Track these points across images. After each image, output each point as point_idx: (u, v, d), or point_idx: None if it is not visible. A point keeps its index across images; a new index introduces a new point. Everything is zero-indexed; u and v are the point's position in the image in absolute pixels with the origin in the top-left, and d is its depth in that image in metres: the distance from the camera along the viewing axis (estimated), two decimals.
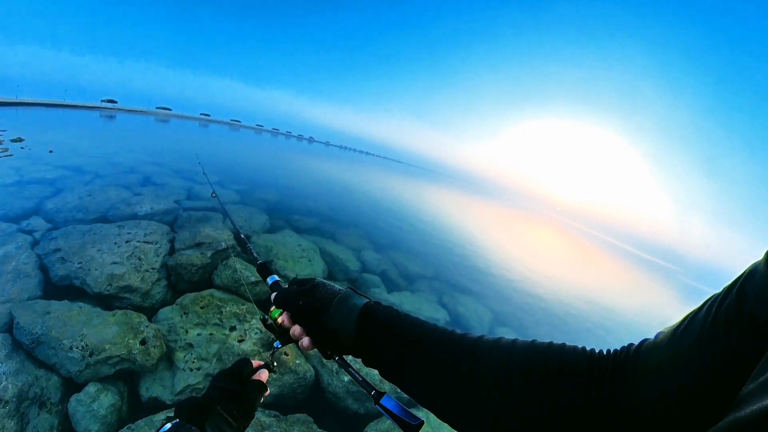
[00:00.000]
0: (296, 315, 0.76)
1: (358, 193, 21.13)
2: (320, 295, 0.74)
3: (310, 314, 0.73)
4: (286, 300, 0.80)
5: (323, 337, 0.72)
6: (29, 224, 5.49)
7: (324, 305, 0.72)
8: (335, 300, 0.72)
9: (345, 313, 0.70)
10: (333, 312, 0.70)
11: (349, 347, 0.69)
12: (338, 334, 0.69)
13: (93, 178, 8.67)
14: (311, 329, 0.74)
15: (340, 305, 0.71)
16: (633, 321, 13.59)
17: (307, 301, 0.74)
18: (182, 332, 3.68)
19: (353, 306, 0.70)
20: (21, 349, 3.26)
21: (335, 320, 0.70)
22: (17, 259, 4.42)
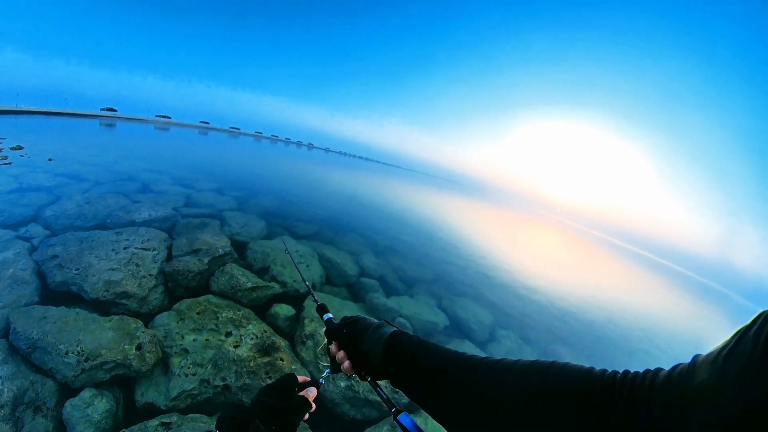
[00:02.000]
0: (340, 341, 0.89)
1: (358, 198, 21.16)
2: (360, 326, 0.87)
3: (350, 340, 0.86)
4: (333, 331, 0.92)
5: (359, 360, 0.84)
6: (27, 231, 5.51)
7: (361, 333, 0.84)
8: (370, 328, 0.84)
9: (376, 338, 0.81)
10: (367, 337, 0.82)
11: (378, 369, 0.79)
12: (370, 356, 0.80)
13: (92, 186, 8.70)
14: (351, 353, 0.86)
15: (373, 332, 0.82)
16: (636, 321, 13.56)
17: (349, 330, 0.87)
18: (178, 338, 3.68)
19: (383, 333, 0.81)
20: (17, 354, 3.26)
21: (368, 344, 0.81)
22: (15, 266, 4.43)
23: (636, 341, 10.89)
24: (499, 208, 76.21)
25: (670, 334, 14.10)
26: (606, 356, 8.71)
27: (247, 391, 3.36)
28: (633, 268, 49.22)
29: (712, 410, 0.35)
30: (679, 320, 20.16)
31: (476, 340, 5.93)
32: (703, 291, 72.59)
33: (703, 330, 20.22)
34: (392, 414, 0.73)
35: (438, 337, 5.68)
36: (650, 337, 11.92)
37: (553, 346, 7.50)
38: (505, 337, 6.42)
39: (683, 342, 13.86)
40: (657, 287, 35.78)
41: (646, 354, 10.15)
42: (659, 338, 12.38)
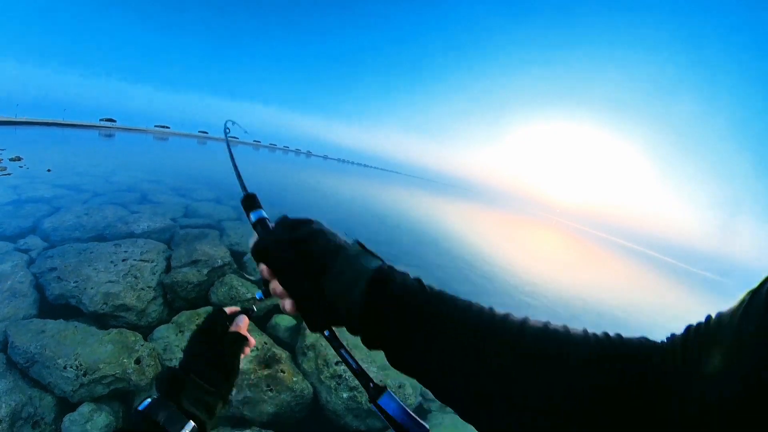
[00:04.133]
0: (280, 271, 0.57)
1: (356, 204, 21.19)
2: (318, 248, 0.56)
3: (301, 273, 0.55)
4: (268, 249, 0.59)
5: (312, 303, 0.55)
6: (26, 243, 5.48)
7: (321, 262, 0.54)
8: (339, 258, 0.54)
9: (351, 278, 0.52)
10: (335, 274, 0.53)
11: (347, 321, 0.53)
12: (338, 304, 0.52)
13: (90, 197, 8.69)
14: (297, 290, 0.56)
15: (345, 266, 0.53)
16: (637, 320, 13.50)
17: (297, 255, 0.56)
18: (178, 351, 3.65)
19: (362, 269, 0.53)
20: (15, 368, 3.23)
21: (336, 287, 0.52)
22: (13, 278, 4.40)
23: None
24: (498, 211, 76.20)
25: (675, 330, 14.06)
26: None
27: (248, 404, 3.32)
28: (633, 266, 49.11)
29: (732, 369, 0.33)
30: (684, 317, 20.08)
31: None
32: (708, 285, 72.66)
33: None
34: (368, 393, 0.52)
35: None
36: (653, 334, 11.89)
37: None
38: None
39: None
40: (657, 285, 35.68)
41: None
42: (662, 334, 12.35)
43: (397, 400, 0.51)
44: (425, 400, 4.21)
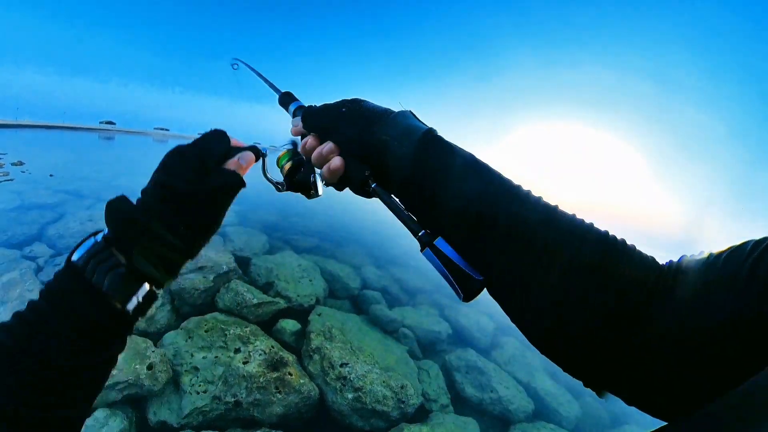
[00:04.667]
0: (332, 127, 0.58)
1: (357, 208, 21.20)
2: (368, 105, 0.57)
3: (356, 123, 0.56)
4: (320, 111, 0.61)
5: (363, 157, 0.55)
6: (32, 250, 5.56)
7: (376, 114, 0.55)
8: (393, 113, 0.55)
9: (404, 128, 0.53)
10: (389, 122, 0.54)
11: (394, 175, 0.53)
12: (388, 153, 0.52)
13: (94, 203, 8.75)
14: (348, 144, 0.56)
15: (399, 118, 0.54)
16: None
17: (352, 107, 0.57)
18: (187, 356, 3.74)
19: (416, 126, 0.54)
20: None
21: (392, 132, 0.53)
22: (22, 286, 4.48)
23: None
24: None
25: None
26: None
27: (258, 406, 3.43)
28: None
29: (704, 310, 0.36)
30: None
31: (479, 348, 5.98)
32: None
33: None
34: (419, 240, 0.52)
35: (441, 346, 5.74)
36: None
37: None
38: (507, 344, 6.47)
39: None
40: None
41: None
42: None
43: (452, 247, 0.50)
44: (426, 401, 4.31)
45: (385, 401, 3.83)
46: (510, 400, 4.62)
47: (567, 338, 0.44)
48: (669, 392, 0.38)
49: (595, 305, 0.42)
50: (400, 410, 3.89)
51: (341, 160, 0.55)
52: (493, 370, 5.10)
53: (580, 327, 0.43)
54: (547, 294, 0.44)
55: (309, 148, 0.60)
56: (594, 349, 0.42)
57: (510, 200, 0.48)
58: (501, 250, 0.47)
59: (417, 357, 5.18)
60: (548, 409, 4.94)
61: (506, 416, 4.58)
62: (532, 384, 5.25)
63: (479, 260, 0.49)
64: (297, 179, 0.64)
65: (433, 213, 0.52)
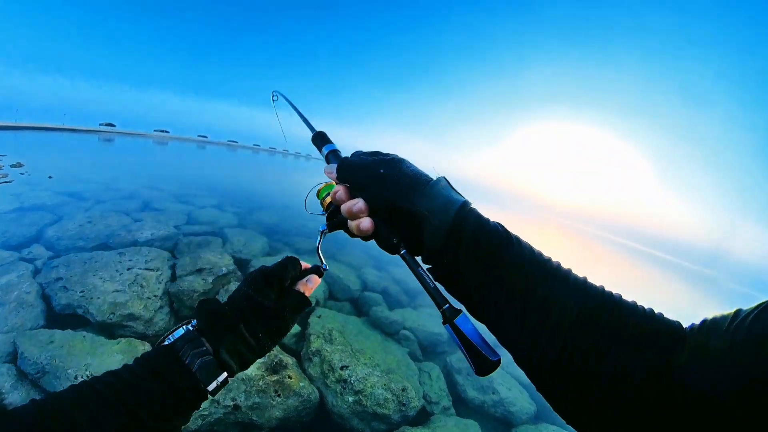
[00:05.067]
0: (367, 186, 0.57)
1: None
2: (408, 170, 0.57)
3: (391, 188, 0.55)
4: (356, 166, 0.60)
5: (398, 222, 0.55)
6: (30, 252, 5.52)
7: (413, 181, 0.55)
8: (432, 182, 0.56)
9: (443, 201, 0.53)
10: (428, 194, 0.53)
11: (426, 247, 0.53)
12: (423, 227, 0.53)
13: (93, 205, 8.72)
14: (379, 209, 0.56)
15: (438, 188, 0.54)
16: None
17: (392, 171, 0.56)
18: None
19: (453, 198, 0.54)
20: (26, 379, 3.27)
21: (430, 205, 0.52)
22: (19, 288, 4.44)
23: None
24: (497, 213, 75.95)
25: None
26: None
27: (257, 410, 3.38)
28: (634, 264, 49.16)
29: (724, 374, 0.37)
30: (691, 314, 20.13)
31: None
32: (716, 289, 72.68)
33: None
34: (442, 314, 0.52)
35: (442, 348, 5.70)
36: None
37: None
38: None
39: None
40: (660, 283, 35.68)
41: None
42: None
43: (473, 323, 0.51)
44: (428, 403, 4.27)
45: (386, 404, 3.79)
46: (512, 402, 4.58)
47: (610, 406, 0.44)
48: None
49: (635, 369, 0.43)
50: (401, 413, 3.85)
51: (371, 222, 0.56)
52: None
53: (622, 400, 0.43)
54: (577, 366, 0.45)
55: (338, 199, 0.62)
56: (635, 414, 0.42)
57: (544, 279, 0.48)
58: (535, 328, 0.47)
59: (418, 359, 5.14)
60: (550, 411, 4.88)
61: (508, 418, 4.54)
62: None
63: (508, 335, 0.50)
64: (337, 220, 0.67)
65: (458, 288, 0.53)
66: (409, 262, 0.55)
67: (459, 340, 0.50)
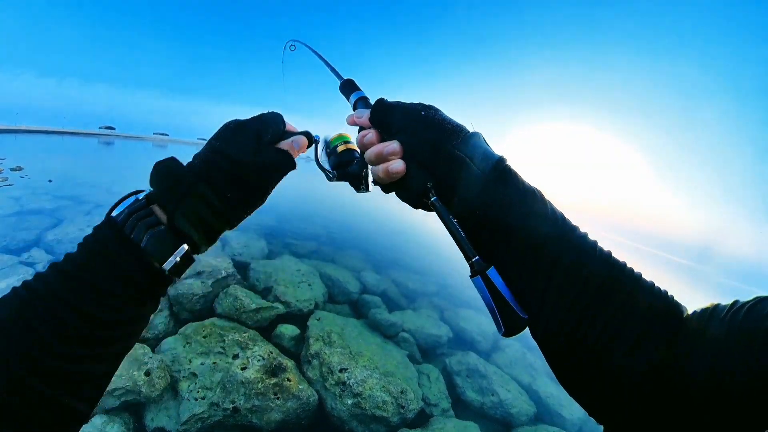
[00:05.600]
0: (406, 128, 0.55)
1: (356, 212, 21.21)
2: (448, 117, 0.55)
3: (434, 130, 0.53)
4: (395, 107, 0.57)
5: (432, 168, 0.53)
6: (30, 256, 5.54)
7: (456, 129, 0.54)
8: (470, 132, 0.54)
9: (483, 150, 0.53)
10: (470, 141, 0.53)
11: (461, 196, 0.52)
12: (463, 172, 0.51)
13: (93, 208, 8.75)
14: (417, 150, 0.53)
15: (478, 142, 0.54)
16: None
17: (433, 114, 0.55)
18: (186, 362, 3.72)
19: (489, 152, 0.53)
20: None
21: (470, 151, 0.52)
22: None
23: None
24: None
25: None
26: None
27: (256, 412, 3.39)
28: (631, 262, 48.91)
29: (723, 361, 0.38)
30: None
31: (480, 351, 5.96)
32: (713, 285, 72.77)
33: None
34: (471, 266, 0.50)
35: (441, 350, 5.73)
36: None
37: None
38: (509, 346, 6.45)
39: None
40: (655, 280, 35.58)
41: None
42: None
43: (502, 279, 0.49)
44: (427, 405, 4.28)
45: (385, 406, 3.80)
46: (512, 404, 4.59)
47: (615, 386, 0.45)
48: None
49: (648, 353, 0.43)
50: (401, 415, 3.86)
51: (404, 164, 0.53)
52: (494, 373, 5.08)
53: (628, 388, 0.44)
54: (600, 339, 0.45)
55: (368, 142, 0.58)
56: (640, 398, 0.43)
57: (573, 246, 0.48)
58: (559, 292, 0.47)
59: (417, 361, 5.15)
60: (550, 412, 4.91)
61: (508, 420, 4.55)
62: (534, 387, 5.23)
63: (532, 297, 0.49)
64: (350, 170, 0.63)
65: (492, 242, 0.51)
66: (440, 210, 0.53)
67: (489, 293, 0.48)
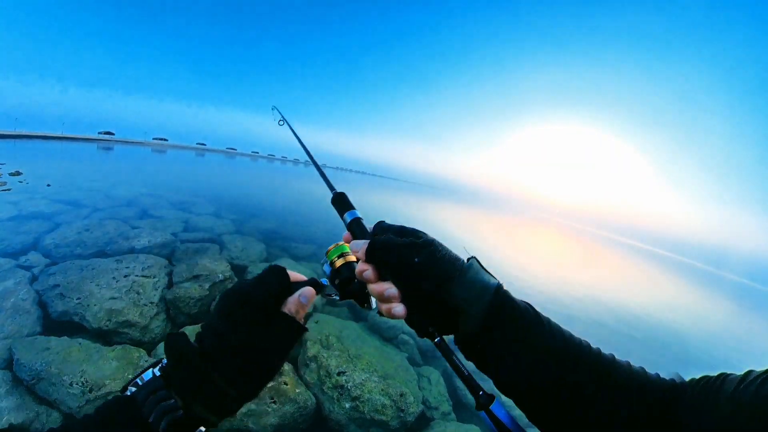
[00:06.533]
0: (402, 275, 0.55)
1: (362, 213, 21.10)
2: (442, 255, 0.56)
3: (428, 279, 0.54)
4: (389, 249, 0.56)
5: (432, 311, 0.55)
6: (28, 260, 5.51)
7: (447, 269, 0.54)
8: (465, 268, 0.55)
9: (479, 288, 0.53)
10: (464, 283, 0.53)
11: (463, 332, 0.54)
12: (462, 313, 0.53)
13: (91, 212, 8.73)
14: (415, 296, 0.55)
15: (473, 276, 0.54)
16: (644, 317, 13.46)
17: (426, 260, 0.54)
18: None
19: (487, 283, 0.54)
20: (21, 386, 3.26)
21: (465, 294, 0.52)
22: (16, 295, 4.43)
23: (652, 341, 10.80)
24: (498, 214, 75.98)
25: (684, 330, 13.93)
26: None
27: (252, 417, 3.35)
28: (634, 263, 48.79)
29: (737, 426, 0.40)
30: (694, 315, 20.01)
31: None
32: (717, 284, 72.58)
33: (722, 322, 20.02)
34: (476, 399, 0.53)
35: None
36: (663, 336, 11.79)
37: None
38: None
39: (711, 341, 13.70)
40: (659, 281, 35.46)
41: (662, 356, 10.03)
42: (669, 335, 12.22)
43: (506, 410, 0.53)
44: (427, 408, 4.23)
45: (384, 410, 3.76)
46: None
47: None
48: None
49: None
50: (400, 419, 3.81)
51: (404, 309, 0.55)
52: None
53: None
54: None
55: (366, 278, 0.58)
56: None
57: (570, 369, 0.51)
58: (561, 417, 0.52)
59: (417, 363, 5.11)
60: None
61: None
62: None
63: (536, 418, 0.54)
64: (351, 290, 0.63)
65: (492, 374, 0.55)
66: (445, 351, 0.56)
67: (495, 427, 0.51)
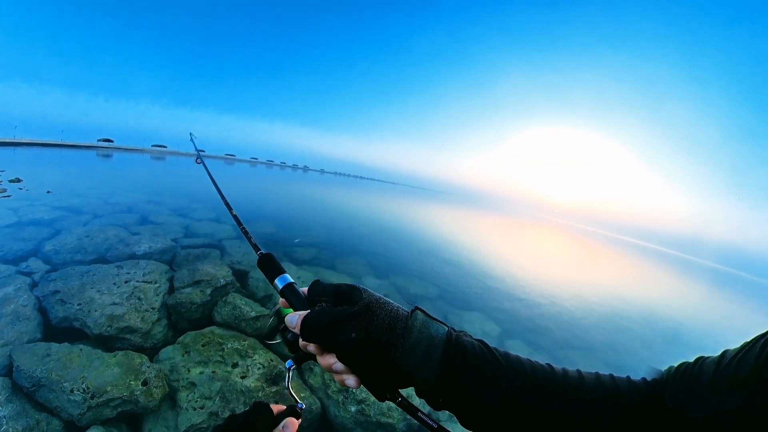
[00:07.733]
0: (341, 349, 0.53)
1: (355, 218, 21.18)
2: (380, 322, 0.52)
3: (368, 351, 0.51)
4: (322, 328, 0.54)
5: (384, 378, 0.53)
6: (28, 266, 5.48)
7: (389, 338, 0.51)
8: (408, 331, 0.52)
9: (425, 349, 0.51)
10: (408, 348, 0.51)
11: (419, 388, 0.52)
12: (414, 382, 0.51)
13: (91, 219, 8.71)
14: (366, 369, 0.53)
15: (417, 338, 0.51)
16: (644, 315, 13.38)
17: (363, 334, 0.51)
18: (184, 371, 3.64)
19: (434, 338, 0.52)
20: (21, 393, 3.21)
21: (412, 360, 0.50)
22: (16, 302, 4.40)
23: (648, 338, 10.74)
24: (497, 215, 75.78)
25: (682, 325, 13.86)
26: (620, 356, 8.59)
27: None
28: (634, 261, 48.60)
29: (721, 407, 0.41)
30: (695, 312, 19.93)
31: None
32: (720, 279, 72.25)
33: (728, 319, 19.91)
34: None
35: None
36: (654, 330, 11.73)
37: (564, 351, 7.41)
38: (513, 347, 6.37)
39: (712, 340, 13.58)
40: (658, 278, 35.31)
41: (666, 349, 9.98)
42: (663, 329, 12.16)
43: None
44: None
45: (390, 413, 3.72)
46: None
47: None
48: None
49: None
50: (406, 422, 3.78)
51: (356, 380, 0.54)
52: None
53: None
54: None
55: (310, 351, 0.57)
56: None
57: (537, 398, 0.51)
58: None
59: None
60: None
61: None
62: None
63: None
64: (305, 353, 0.61)
65: (457, 416, 0.53)
66: (409, 410, 0.53)
67: None
